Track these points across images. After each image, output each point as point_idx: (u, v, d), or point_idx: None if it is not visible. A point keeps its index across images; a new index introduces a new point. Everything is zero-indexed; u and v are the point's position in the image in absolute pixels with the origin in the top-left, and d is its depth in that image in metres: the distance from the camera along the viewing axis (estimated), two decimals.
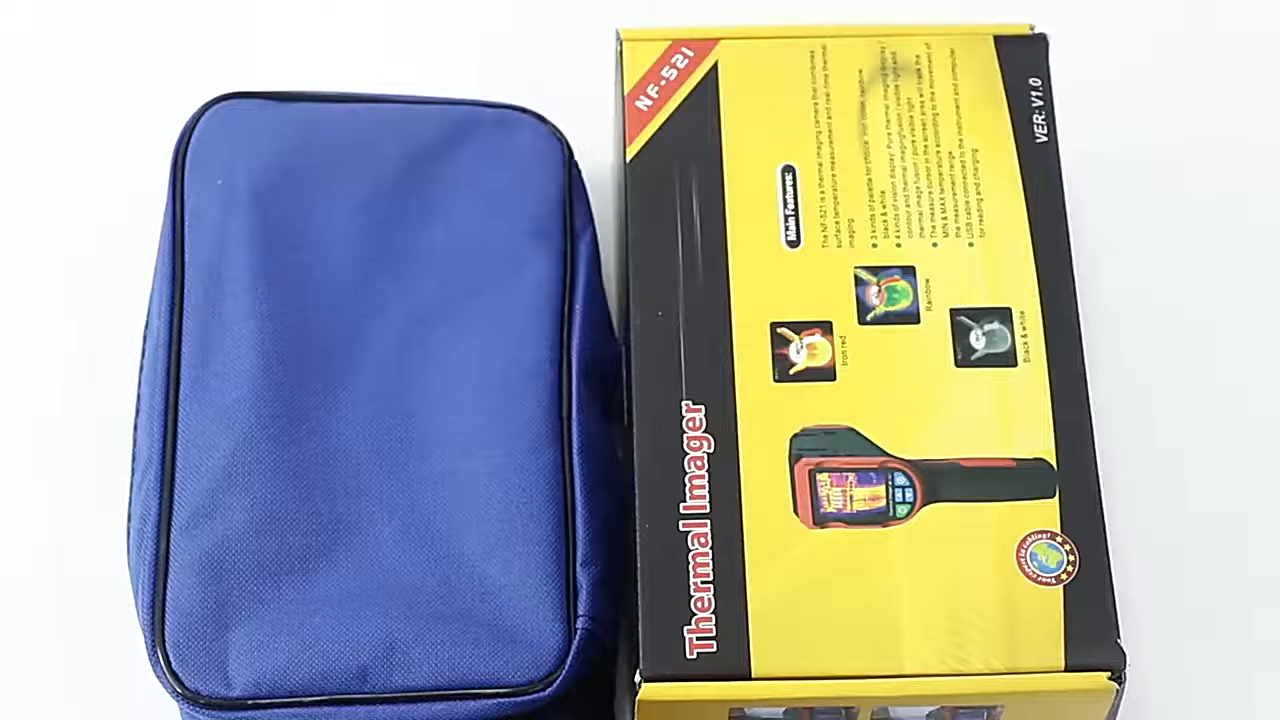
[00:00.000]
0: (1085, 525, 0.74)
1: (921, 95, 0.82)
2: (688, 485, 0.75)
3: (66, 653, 0.81)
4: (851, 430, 0.76)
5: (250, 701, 0.74)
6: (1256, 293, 0.88)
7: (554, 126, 0.85)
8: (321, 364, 0.80)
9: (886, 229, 0.80)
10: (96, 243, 0.89)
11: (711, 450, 0.76)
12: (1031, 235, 0.79)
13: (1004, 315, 0.78)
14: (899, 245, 0.79)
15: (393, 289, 0.82)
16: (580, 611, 0.76)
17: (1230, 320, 0.88)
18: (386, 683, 0.74)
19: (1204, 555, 0.83)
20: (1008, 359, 0.77)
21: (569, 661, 0.75)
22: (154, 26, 0.94)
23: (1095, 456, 0.76)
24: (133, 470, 0.80)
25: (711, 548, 0.74)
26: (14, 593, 0.83)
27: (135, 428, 0.80)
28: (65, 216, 0.90)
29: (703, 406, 0.77)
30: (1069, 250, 0.79)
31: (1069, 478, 0.75)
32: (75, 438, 0.85)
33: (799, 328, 0.78)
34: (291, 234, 0.81)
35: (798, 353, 0.78)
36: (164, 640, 0.75)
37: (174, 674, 0.75)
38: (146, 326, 0.83)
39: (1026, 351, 0.77)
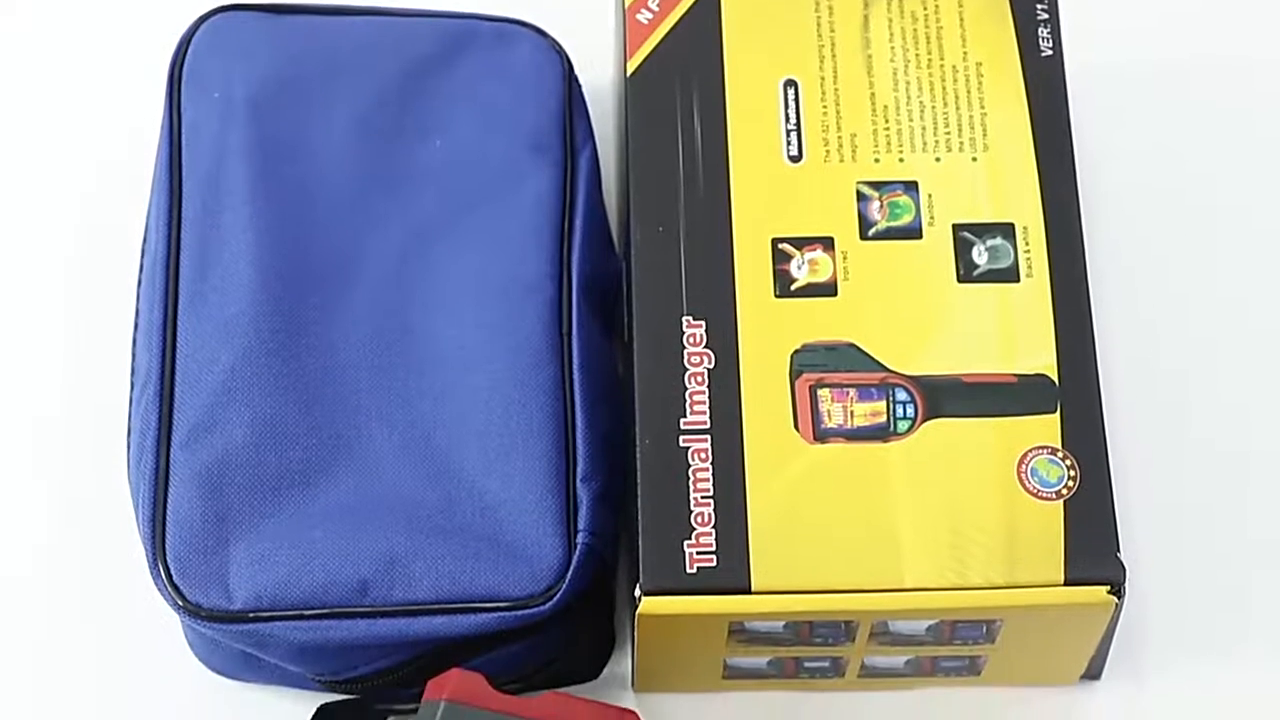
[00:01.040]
0: (1086, 440, 0.74)
1: (925, 8, 0.81)
2: (688, 401, 0.75)
3: (67, 568, 0.81)
4: (852, 346, 0.76)
5: (251, 614, 0.74)
6: (1261, 207, 0.88)
7: (553, 40, 0.85)
8: (320, 279, 0.80)
9: (889, 144, 0.79)
10: (96, 164, 0.89)
11: (712, 366, 0.76)
12: (1035, 150, 0.79)
13: (1007, 230, 0.78)
14: (901, 160, 0.79)
15: (391, 204, 0.81)
16: (580, 526, 0.76)
17: (1234, 234, 0.87)
18: (387, 596, 0.75)
19: (1205, 470, 0.83)
20: (1010, 274, 0.77)
21: (569, 576, 0.75)
22: None
23: (1097, 372, 0.76)
24: (132, 385, 0.79)
25: (711, 463, 0.74)
26: (14, 509, 0.83)
27: (134, 343, 0.80)
28: (63, 137, 0.90)
29: (703, 322, 0.76)
30: (1073, 165, 0.79)
31: (1070, 393, 0.75)
32: (75, 357, 0.85)
33: (800, 243, 0.78)
34: (289, 148, 0.81)
35: (799, 268, 0.77)
36: (165, 554, 0.75)
37: (175, 587, 0.75)
38: (144, 241, 0.83)
39: (1029, 267, 0.77)
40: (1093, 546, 0.73)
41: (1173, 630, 0.80)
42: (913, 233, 0.78)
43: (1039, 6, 0.81)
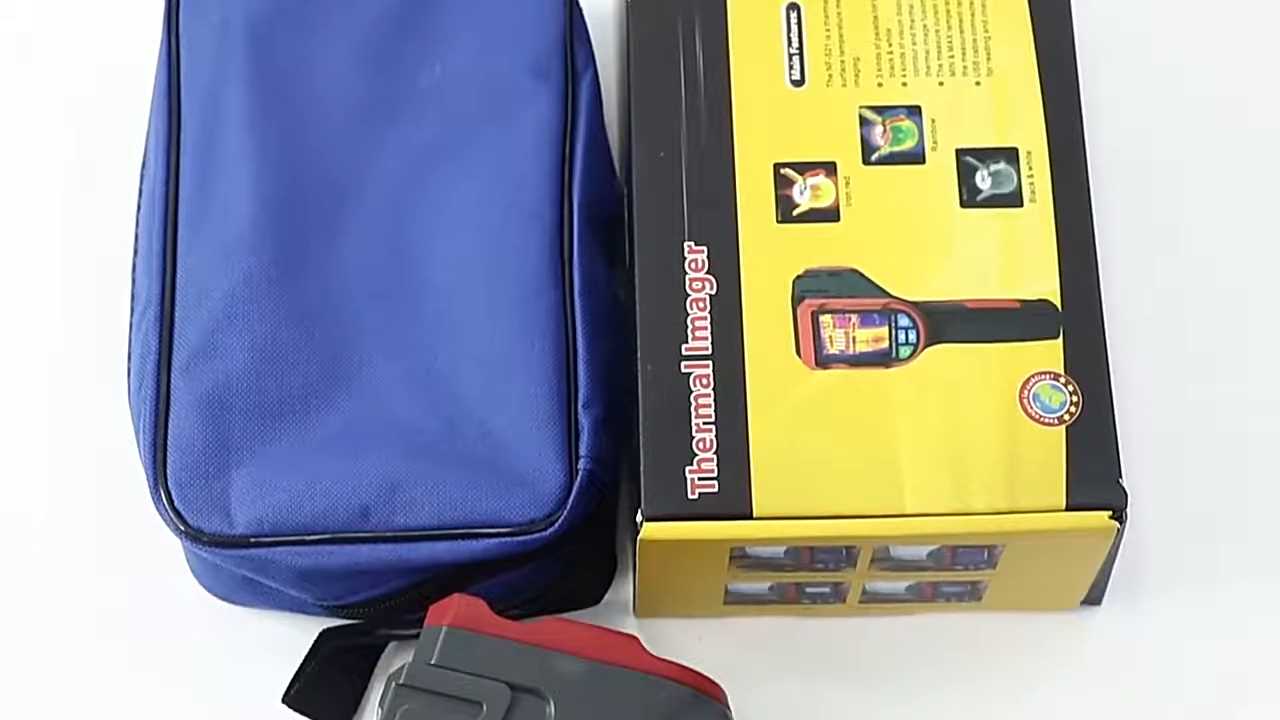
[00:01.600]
0: (1088, 366, 0.74)
1: None
2: (690, 327, 0.75)
3: (68, 493, 0.82)
4: (855, 272, 0.76)
5: (253, 539, 0.74)
6: (1268, 131, 0.87)
7: None
8: (320, 205, 0.79)
9: (892, 68, 0.79)
10: (94, 87, 0.88)
11: (714, 292, 0.76)
12: (1040, 75, 0.78)
13: (1010, 155, 0.77)
14: (905, 84, 0.78)
15: (391, 129, 0.81)
16: (581, 453, 0.76)
17: (1241, 160, 0.87)
18: (388, 522, 0.75)
19: (1207, 396, 0.83)
20: (1013, 199, 0.77)
21: (570, 502, 0.75)
22: None
23: (1100, 297, 0.75)
24: (132, 310, 0.79)
25: (713, 389, 0.74)
26: (15, 434, 0.83)
27: (133, 267, 0.80)
28: (61, 59, 0.89)
29: (705, 248, 0.76)
30: (1077, 90, 0.78)
31: (1073, 319, 0.75)
32: (75, 282, 0.85)
33: (803, 168, 0.77)
34: (288, 72, 0.81)
35: (801, 193, 0.77)
36: (166, 479, 0.75)
37: (176, 512, 0.75)
38: (143, 165, 0.82)
39: (1032, 192, 0.77)
40: (1094, 472, 0.73)
41: (1173, 556, 0.80)
42: (916, 158, 0.77)
43: None
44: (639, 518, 0.73)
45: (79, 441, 0.82)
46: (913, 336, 0.75)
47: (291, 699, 0.78)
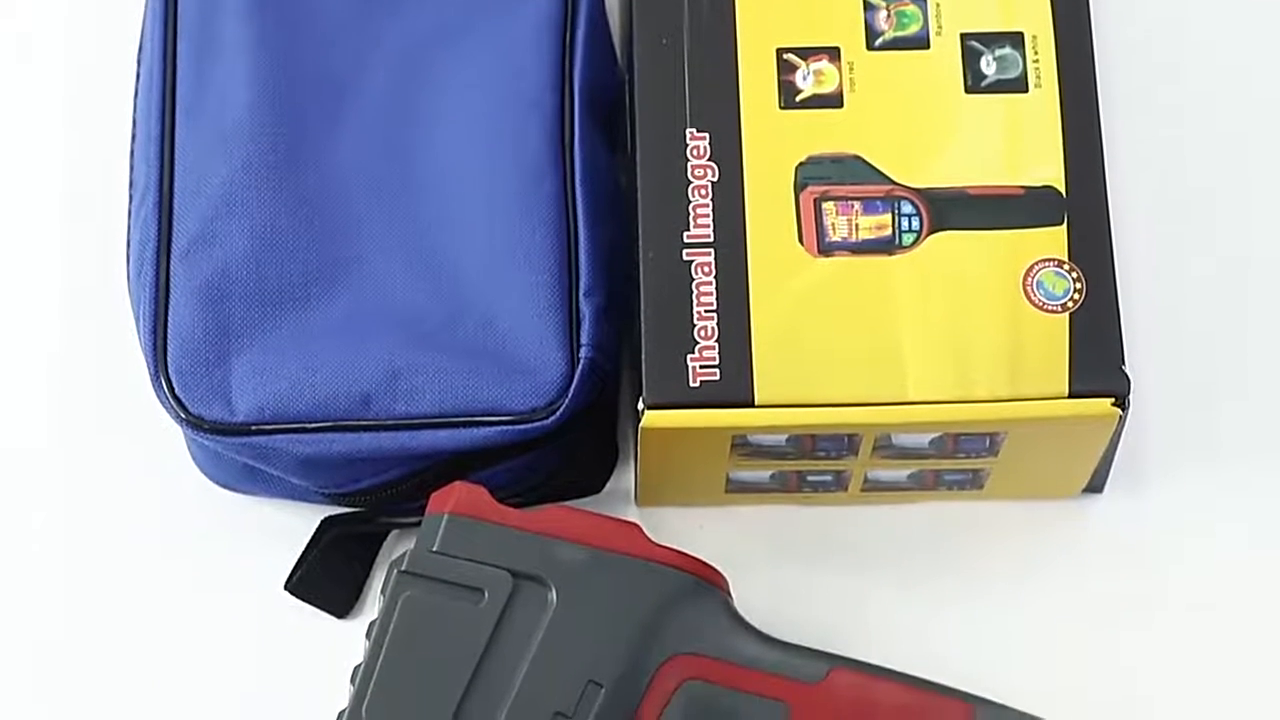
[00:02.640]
0: (1093, 253, 0.74)
1: None
2: (691, 214, 0.75)
3: (68, 380, 0.81)
4: (858, 158, 0.75)
5: (254, 427, 0.75)
6: (1272, 12, 0.87)
7: None
8: (319, 92, 0.79)
9: None
10: None
11: (715, 179, 0.75)
12: None
13: (1016, 40, 0.77)
14: None
15: (391, 17, 0.80)
16: (583, 341, 0.76)
17: (1246, 47, 0.86)
18: (390, 409, 0.75)
19: (1210, 284, 0.83)
20: (1018, 84, 0.76)
21: (571, 391, 0.75)
22: None
23: (1105, 184, 0.75)
24: (130, 197, 0.79)
25: (715, 276, 0.74)
26: (15, 321, 0.83)
27: (132, 154, 0.80)
28: None
29: (707, 134, 0.76)
30: None
31: (1077, 205, 0.74)
32: (73, 169, 0.84)
33: (806, 53, 0.77)
34: None
35: (804, 79, 0.76)
36: (166, 366, 0.75)
37: (177, 400, 0.75)
38: (140, 51, 0.82)
39: (1038, 77, 0.76)
40: (1097, 359, 0.73)
41: (1175, 444, 0.80)
42: (920, 42, 0.77)
43: None
44: (640, 405, 0.73)
45: (79, 330, 0.82)
46: (916, 224, 0.75)
47: (294, 586, 0.78)
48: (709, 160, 0.75)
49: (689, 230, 0.75)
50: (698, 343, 0.73)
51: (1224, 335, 0.82)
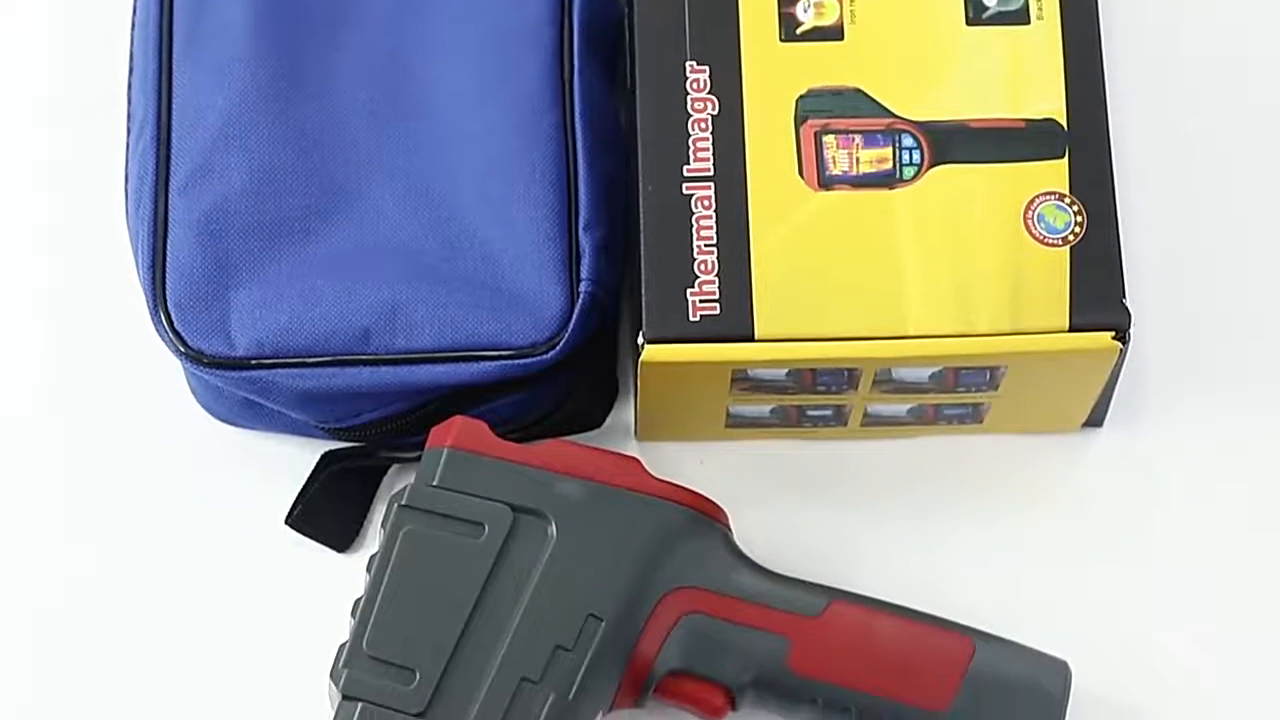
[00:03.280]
0: (1094, 186, 0.74)
1: None
2: (691, 147, 0.75)
3: (67, 315, 0.81)
4: (858, 91, 0.75)
5: (253, 361, 0.74)
6: None
7: None
8: (317, 25, 0.79)
9: None
10: None
11: (716, 112, 0.75)
12: None
13: None
14: None
15: None
16: (582, 276, 0.76)
17: None
18: (389, 344, 0.75)
19: (1212, 216, 0.82)
20: (1020, 16, 0.76)
21: (571, 325, 0.75)
22: None
23: (1106, 116, 0.75)
24: (128, 131, 0.79)
25: (715, 210, 0.74)
26: (14, 256, 0.82)
27: (129, 87, 0.79)
28: None
29: (707, 67, 0.75)
30: None
31: (1079, 138, 0.74)
32: (72, 99, 0.84)
33: None
34: None
35: (805, 11, 0.76)
36: (165, 300, 0.75)
37: (176, 334, 0.75)
38: None
39: (1039, 9, 0.76)
40: (1098, 292, 0.73)
41: (1175, 378, 0.80)
42: None
43: None
44: (640, 340, 0.73)
45: (79, 265, 0.82)
46: (917, 157, 0.74)
47: (294, 520, 0.78)
48: (709, 93, 0.75)
49: (689, 164, 0.74)
50: (697, 277, 0.73)
51: (1225, 269, 0.82)
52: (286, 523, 0.78)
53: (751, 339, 0.73)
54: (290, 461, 0.79)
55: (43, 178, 0.83)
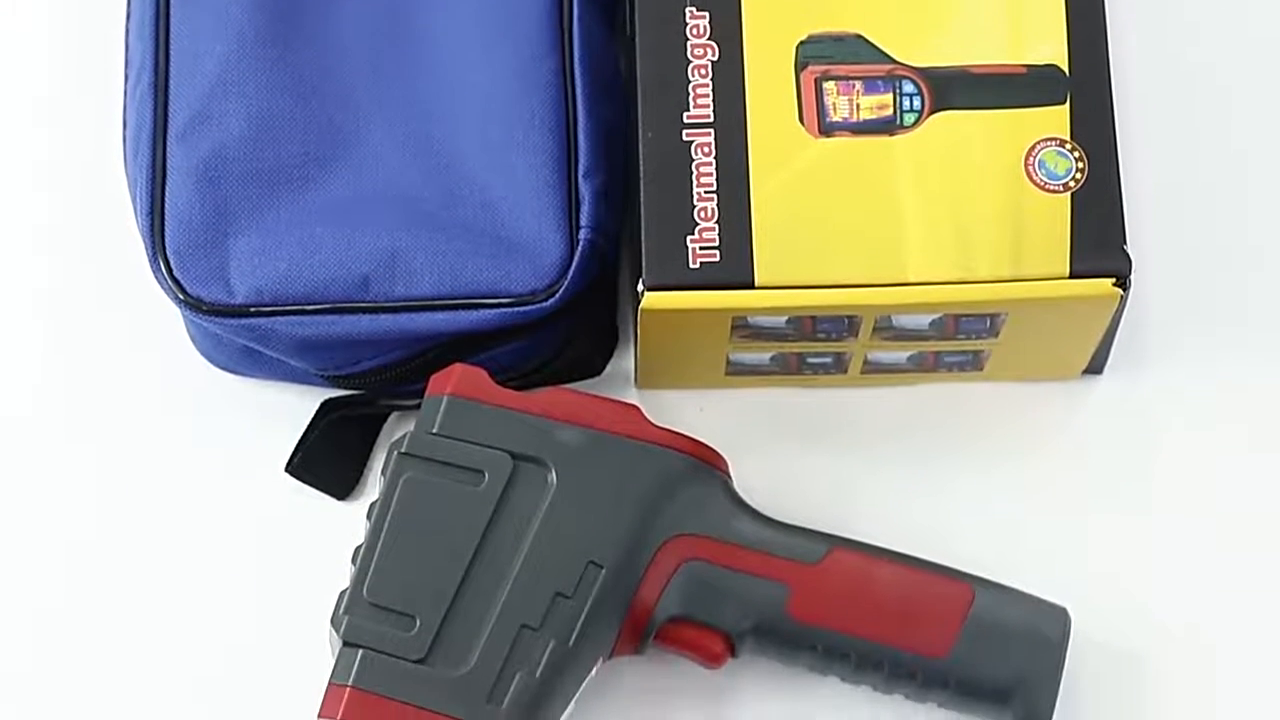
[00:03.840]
0: (1095, 132, 0.74)
1: None
2: (691, 94, 0.74)
3: (67, 261, 0.81)
4: (859, 37, 0.75)
5: (253, 308, 0.74)
6: None
7: None
8: None
9: None
10: None
11: (716, 58, 0.75)
12: None
13: None
14: None
15: None
16: (582, 222, 0.76)
17: None
18: (389, 291, 0.74)
19: (1213, 164, 0.82)
20: None
21: (571, 272, 0.75)
22: None
23: (1108, 62, 0.74)
24: (125, 77, 0.78)
25: (715, 157, 0.74)
26: (13, 202, 0.82)
27: (127, 33, 0.79)
28: None
29: (706, 13, 0.75)
30: None
31: (1080, 84, 0.74)
32: (69, 50, 0.84)
33: None
34: None
35: None
36: (164, 247, 0.75)
37: (176, 281, 0.75)
38: None
39: None
40: (1099, 239, 0.73)
41: (1176, 325, 0.80)
42: None
43: None
44: (640, 287, 0.73)
45: (78, 213, 0.82)
46: (917, 103, 0.74)
47: (294, 468, 0.78)
48: (709, 39, 0.75)
49: (689, 110, 0.74)
50: (697, 224, 0.73)
51: (1225, 217, 0.82)
52: (286, 470, 0.78)
53: (751, 286, 0.73)
54: (290, 409, 0.79)
55: (43, 119, 0.83)
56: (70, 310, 0.81)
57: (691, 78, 0.74)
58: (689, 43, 0.75)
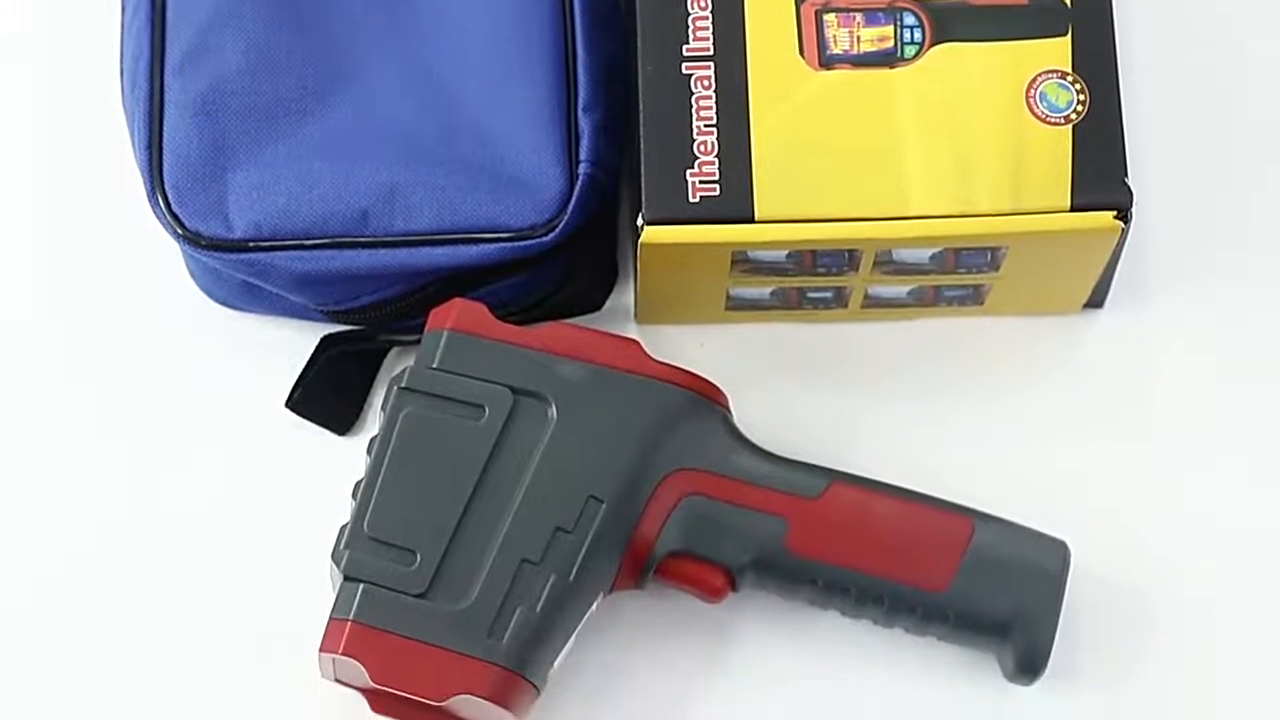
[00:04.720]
0: (1097, 65, 0.73)
1: None
2: (691, 26, 0.74)
3: (65, 196, 0.81)
4: None
5: (251, 243, 0.74)
6: None
7: None
8: None
9: None
10: None
11: None
12: None
13: None
14: None
15: None
16: (582, 157, 0.75)
17: None
18: (388, 226, 0.74)
19: (1215, 95, 0.82)
20: None
21: (570, 207, 0.75)
22: None
23: None
24: (123, 9, 0.78)
25: (715, 90, 0.73)
26: (7, 142, 0.82)
27: None
28: None
29: None
30: None
31: (1082, 15, 0.74)
32: None
33: None
34: None
35: None
36: (162, 182, 0.75)
37: (174, 215, 0.74)
38: None
39: None
40: (1100, 172, 0.72)
41: (1176, 258, 0.80)
42: None
43: None
44: (639, 222, 0.73)
45: (75, 148, 0.81)
46: (918, 35, 0.74)
47: (294, 403, 0.78)
48: None
49: (688, 43, 0.74)
50: (697, 158, 0.73)
51: (1227, 150, 0.82)
52: (286, 406, 0.78)
53: (751, 220, 0.72)
54: (289, 344, 0.79)
55: (40, 53, 0.83)
56: (69, 246, 0.81)
57: (691, 10, 0.74)
58: None
